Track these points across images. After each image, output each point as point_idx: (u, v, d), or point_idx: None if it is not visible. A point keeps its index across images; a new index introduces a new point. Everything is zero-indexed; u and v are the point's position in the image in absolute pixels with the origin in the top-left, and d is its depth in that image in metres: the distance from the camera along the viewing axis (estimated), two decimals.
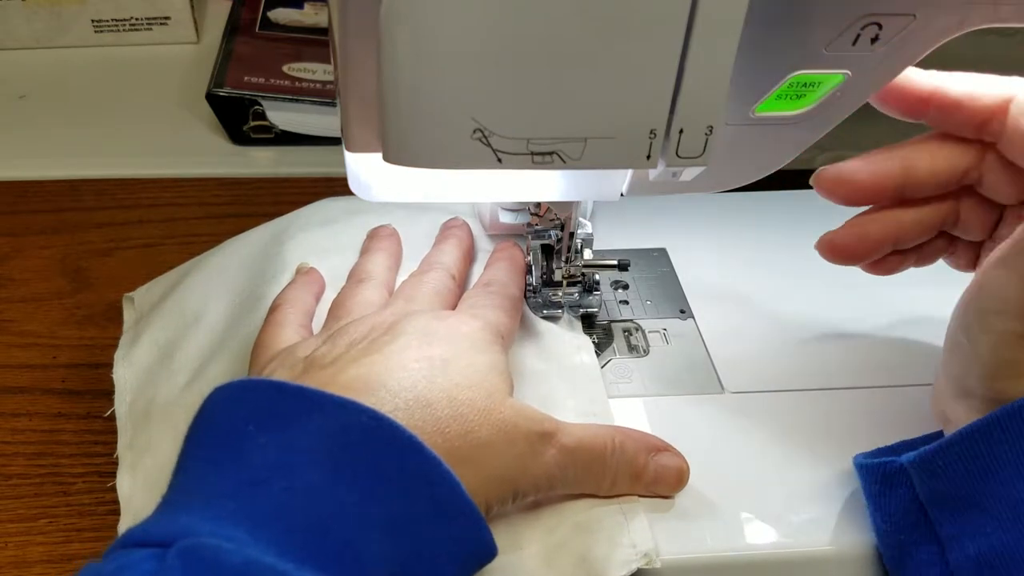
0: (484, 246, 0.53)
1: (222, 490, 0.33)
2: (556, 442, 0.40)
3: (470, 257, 0.52)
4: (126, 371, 0.51)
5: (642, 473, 0.41)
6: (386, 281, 0.49)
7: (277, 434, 0.34)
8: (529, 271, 0.51)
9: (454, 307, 0.46)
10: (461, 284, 0.49)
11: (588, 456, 0.41)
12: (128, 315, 0.55)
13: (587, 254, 0.50)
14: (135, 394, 0.49)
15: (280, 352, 0.43)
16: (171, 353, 0.50)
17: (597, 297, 0.50)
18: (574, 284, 0.50)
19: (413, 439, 0.35)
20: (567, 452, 0.40)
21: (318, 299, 0.50)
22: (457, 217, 0.54)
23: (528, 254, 0.51)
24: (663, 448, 0.42)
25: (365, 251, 0.52)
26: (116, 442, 0.49)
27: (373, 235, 0.53)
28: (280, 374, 0.41)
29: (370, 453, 0.35)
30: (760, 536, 0.41)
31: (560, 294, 0.50)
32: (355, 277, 0.49)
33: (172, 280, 0.55)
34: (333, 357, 0.40)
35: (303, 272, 0.51)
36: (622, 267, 0.49)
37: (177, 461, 0.36)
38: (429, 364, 0.39)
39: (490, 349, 0.42)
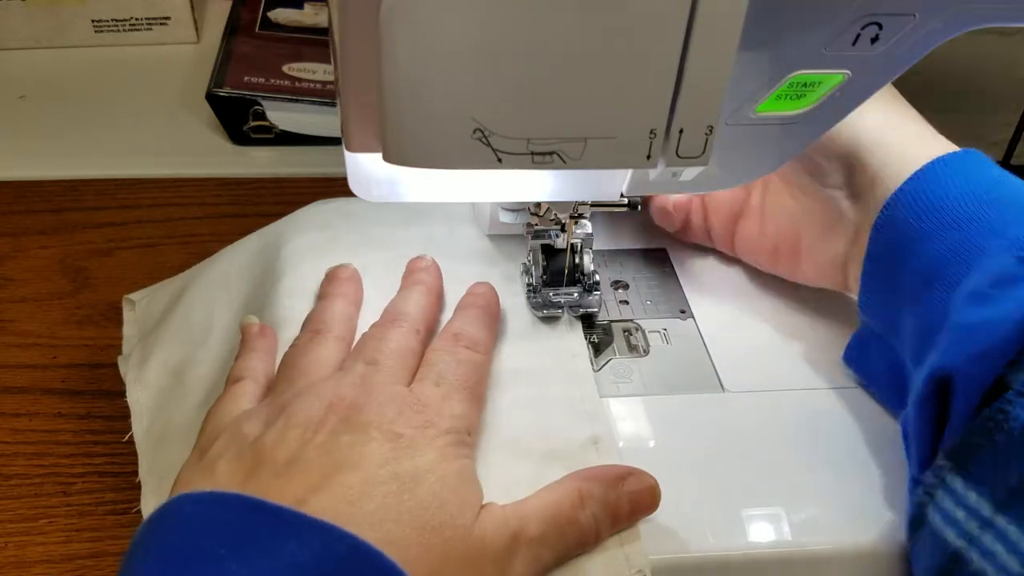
0: (483, 246, 0.53)
1: None
2: (523, 539, 0.38)
3: (439, 303, 0.49)
4: (140, 394, 0.50)
5: (619, 510, 0.40)
6: (343, 334, 0.46)
7: (248, 562, 0.32)
8: (529, 271, 0.51)
9: (418, 366, 0.44)
10: (427, 337, 0.46)
11: (558, 529, 0.39)
12: (128, 316, 0.55)
13: (587, 257, 0.50)
14: (151, 418, 0.49)
15: (228, 426, 0.41)
16: (183, 373, 0.50)
17: (597, 297, 0.50)
18: (574, 284, 0.50)
19: (396, 569, 0.33)
20: (537, 543, 0.38)
21: (274, 354, 0.47)
22: (425, 257, 0.50)
23: (528, 254, 0.51)
24: (626, 473, 0.41)
25: (323, 296, 0.49)
26: (116, 442, 0.49)
27: (332, 277, 0.50)
28: (227, 462, 0.38)
29: None
30: (760, 536, 0.41)
31: (560, 294, 0.50)
32: (311, 327, 0.46)
33: (173, 290, 0.55)
34: (287, 457, 0.38)
35: (253, 333, 0.47)
36: (632, 206, 0.47)
37: (129, 566, 0.34)
38: (399, 487, 0.37)
39: (459, 453, 0.40)
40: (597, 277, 0.50)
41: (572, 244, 0.49)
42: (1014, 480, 0.34)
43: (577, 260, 0.50)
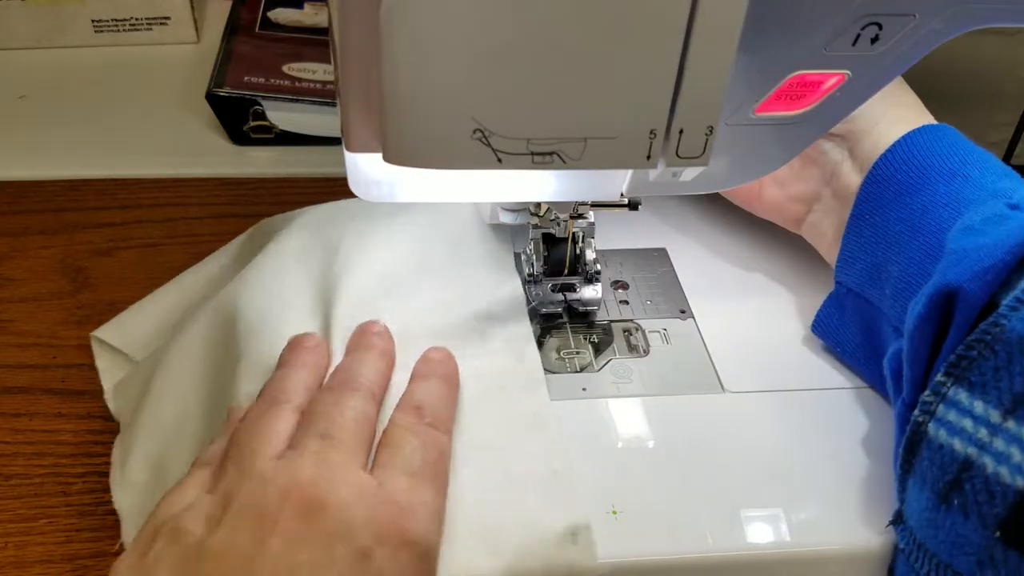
0: (481, 244, 0.53)
1: None
2: None
3: (391, 369, 0.46)
4: (125, 496, 0.47)
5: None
6: (304, 406, 0.42)
7: None
8: (529, 260, 0.50)
9: (374, 437, 0.41)
10: (381, 400, 0.44)
11: None
12: (98, 351, 0.53)
13: (589, 252, 0.50)
14: (139, 519, 0.45)
15: (167, 520, 0.37)
16: (163, 469, 0.47)
17: (598, 289, 0.50)
18: (575, 273, 0.50)
19: None
20: None
21: None
22: (377, 322, 0.47)
23: (529, 243, 0.50)
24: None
25: (284, 363, 0.45)
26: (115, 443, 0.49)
27: (296, 345, 0.45)
28: (168, 570, 0.35)
29: None
30: (760, 536, 0.41)
31: (559, 284, 0.49)
32: (269, 395, 0.43)
33: (142, 367, 0.52)
34: (238, 568, 0.35)
35: (237, 417, 0.44)
36: (633, 206, 0.46)
37: None
38: None
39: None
40: (599, 267, 0.50)
41: (573, 233, 0.49)
42: (1018, 386, 0.35)
43: (579, 250, 0.50)
